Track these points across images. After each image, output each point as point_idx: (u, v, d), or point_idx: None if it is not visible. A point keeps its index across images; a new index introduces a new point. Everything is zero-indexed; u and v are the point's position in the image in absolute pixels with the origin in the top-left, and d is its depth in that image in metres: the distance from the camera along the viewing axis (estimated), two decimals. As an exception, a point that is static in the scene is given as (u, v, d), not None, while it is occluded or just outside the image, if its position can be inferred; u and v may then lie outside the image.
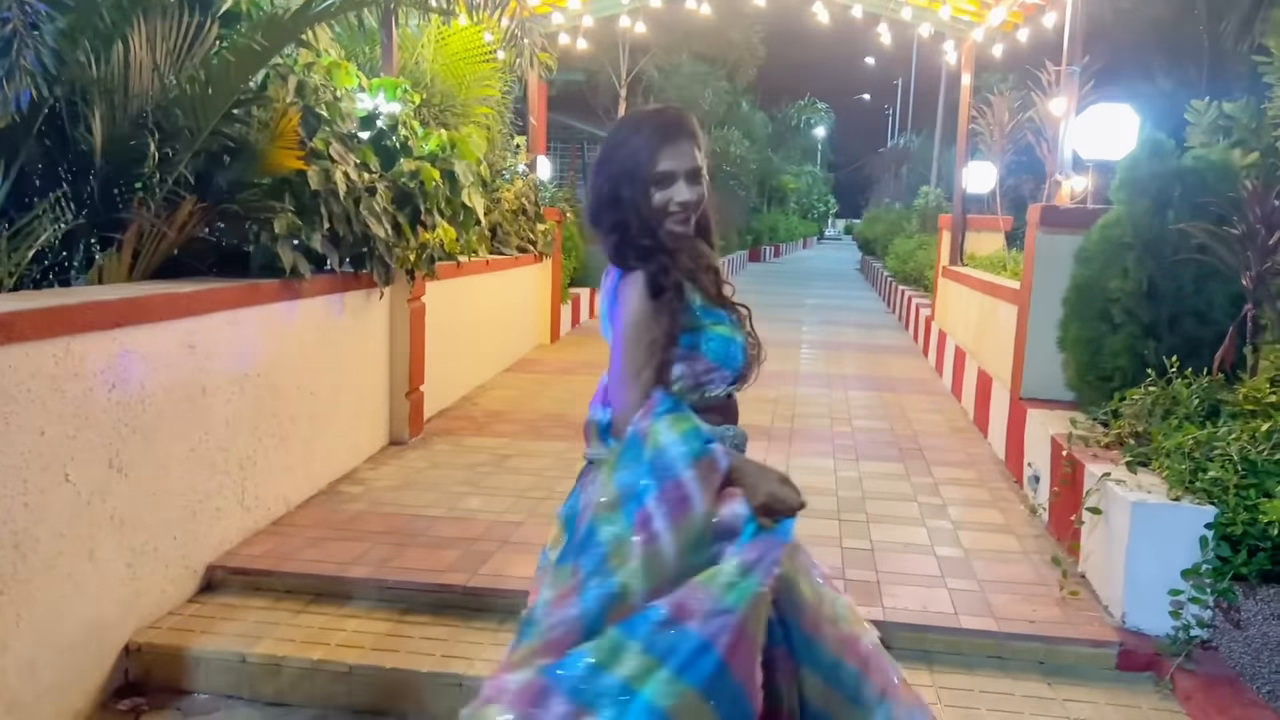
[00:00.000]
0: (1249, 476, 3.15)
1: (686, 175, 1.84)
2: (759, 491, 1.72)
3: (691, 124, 1.90)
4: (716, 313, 1.92)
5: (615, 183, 1.85)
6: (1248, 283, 3.70)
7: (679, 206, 1.84)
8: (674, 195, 1.83)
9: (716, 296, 1.93)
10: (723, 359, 1.90)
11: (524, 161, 9.22)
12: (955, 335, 7.83)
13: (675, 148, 1.83)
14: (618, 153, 1.86)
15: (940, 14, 7.74)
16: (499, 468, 5.04)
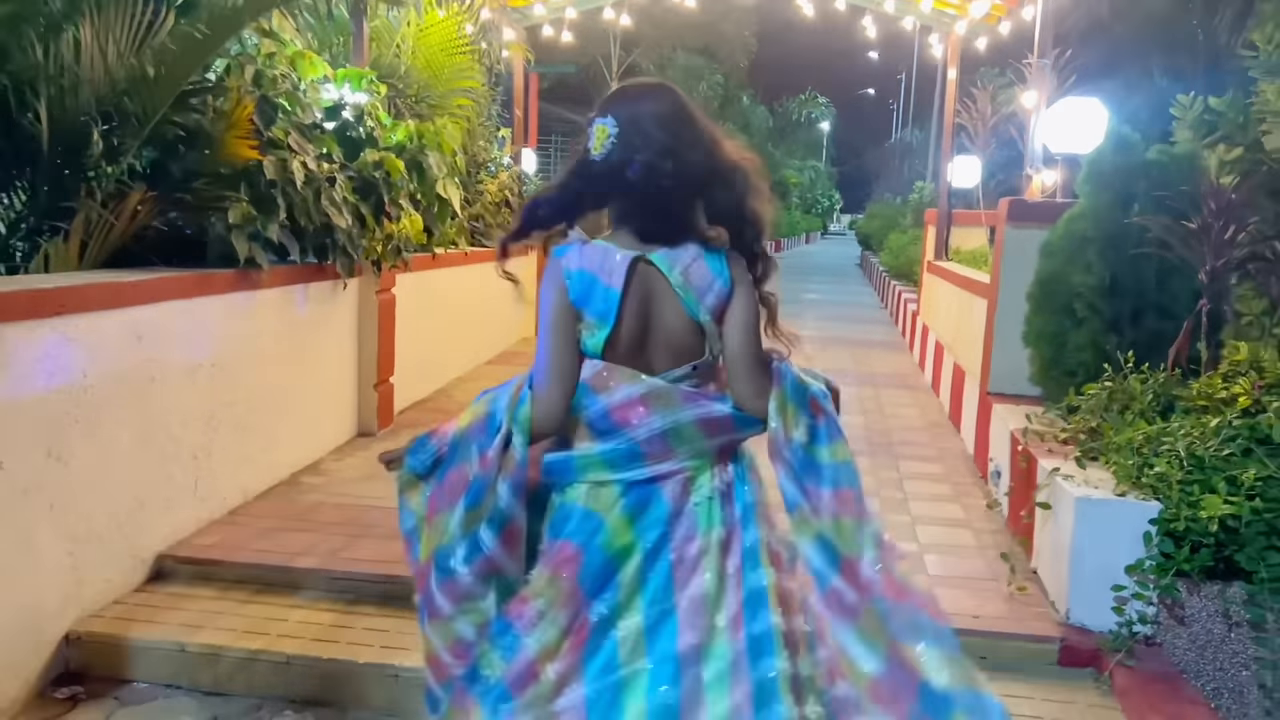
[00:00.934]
0: (1195, 472, 3.13)
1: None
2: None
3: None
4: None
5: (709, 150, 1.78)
6: (1204, 277, 3.67)
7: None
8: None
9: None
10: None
11: (509, 154, 9.21)
12: (936, 330, 7.80)
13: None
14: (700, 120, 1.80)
15: (922, 7, 7.70)
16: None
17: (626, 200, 1.78)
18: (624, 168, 1.71)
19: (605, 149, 1.72)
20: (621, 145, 1.71)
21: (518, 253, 2.08)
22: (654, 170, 1.70)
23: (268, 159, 3.91)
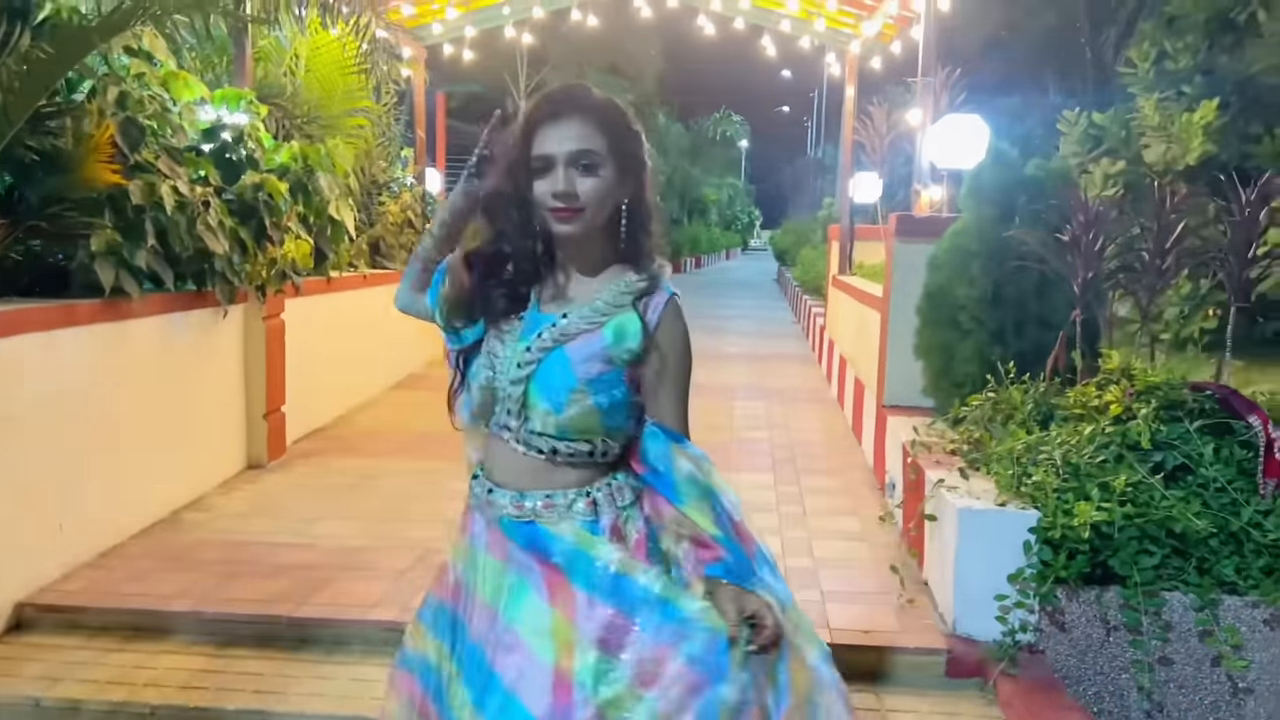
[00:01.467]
0: (1070, 480, 3.19)
1: (569, 160, 1.52)
2: None
3: (585, 100, 1.56)
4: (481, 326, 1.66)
5: (500, 174, 1.63)
6: (1077, 288, 3.76)
7: (555, 199, 1.54)
8: (550, 185, 1.54)
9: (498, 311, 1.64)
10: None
11: (412, 174, 9.07)
12: (841, 344, 7.90)
13: (557, 128, 1.53)
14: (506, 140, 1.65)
15: (816, 26, 7.83)
16: (358, 490, 4.89)
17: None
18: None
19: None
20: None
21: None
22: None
23: (134, 183, 3.74)
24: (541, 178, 1.53)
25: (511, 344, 1.60)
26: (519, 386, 1.57)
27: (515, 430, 1.59)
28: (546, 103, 1.56)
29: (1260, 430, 3.17)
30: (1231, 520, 3.07)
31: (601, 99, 1.58)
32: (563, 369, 1.55)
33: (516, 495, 1.61)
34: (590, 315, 1.58)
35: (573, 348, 1.57)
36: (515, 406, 1.58)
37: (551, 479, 1.60)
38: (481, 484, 1.67)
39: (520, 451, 1.60)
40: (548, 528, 1.60)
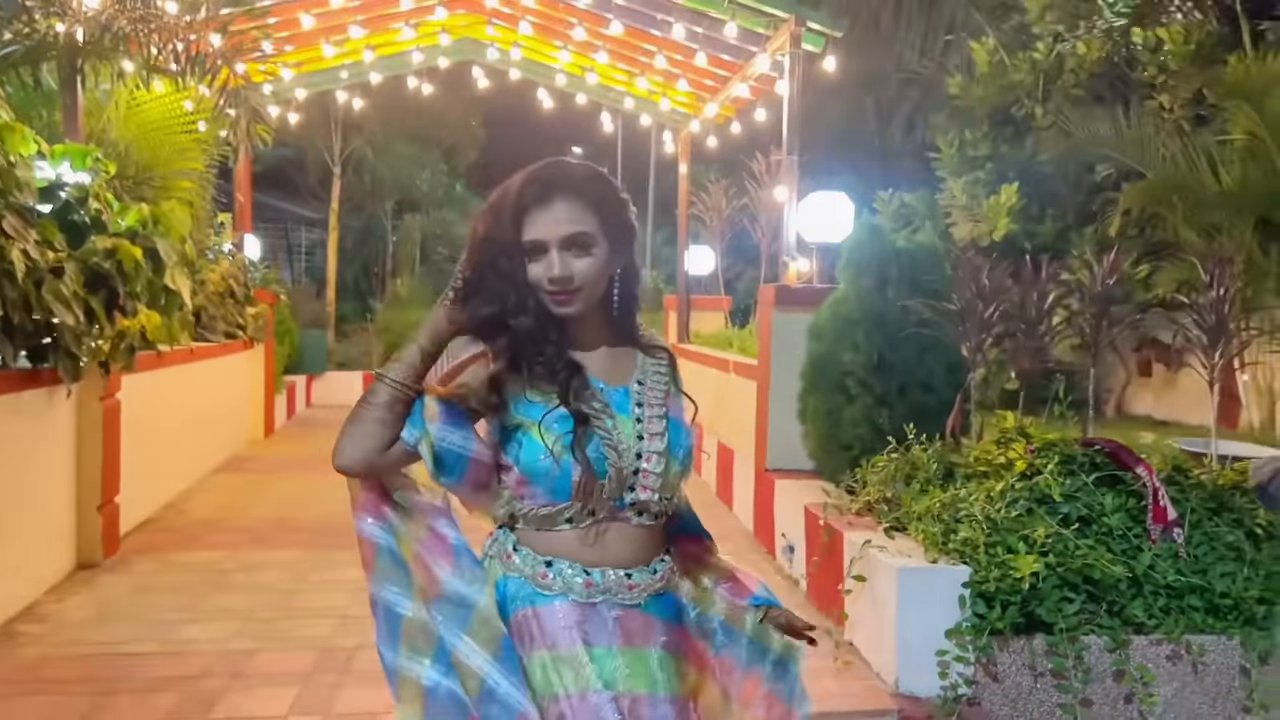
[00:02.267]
0: (993, 534, 3.36)
1: (561, 244, 1.49)
2: None
3: (572, 180, 1.52)
4: (536, 408, 1.51)
5: (487, 254, 1.52)
6: (968, 353, 4.03)
7: (551, 284, 1.49)
8: (545, 270, 1.49)
9: (559, 392, 1.52)
10: (532, 472, 1.51)
11: (230, 240, 8.49)
12: (689, 411, 8.02)
13: (547, 211, 1.49)
14: (486, 219, 1.54)
15: (660, 106, 8.10)
16: (219, 586, 4.39)
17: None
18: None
19: None
20: None
21: (234, 348, 1.79)
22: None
23: (-22, 246, 3.26)
24: (535, 261, 1.50)
25: (614, 419, 1.53)
26: (657, 458, 1.53)
27: (643, 505, 1.54)
28: (533, 185, 1.50)
29: (1147, 480, 3.48)
30: (1135, 564, 3.33)
31: (587, 174, 1.54)
32: (680, 431, 1.58)
33: (647, 570, 1.58)
34: (656, 379, 1.60)
35: (675, 411, 1.60)
36: (647, 480, 1.53)
37: (660, 544, 1.62)
38: (599, 573, 1.53)
39: (644, 525, 1.56)
40: (675, 593, 1.65)
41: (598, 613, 1.52)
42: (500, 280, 1.52)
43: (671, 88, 7.74)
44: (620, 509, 1.52)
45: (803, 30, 5.42)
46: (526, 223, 1.48)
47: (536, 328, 1.52)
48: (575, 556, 1.53)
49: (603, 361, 1.58)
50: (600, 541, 1.54)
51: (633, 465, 1.51)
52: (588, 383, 1.54)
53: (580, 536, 1.53)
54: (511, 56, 8.00)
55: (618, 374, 1.58)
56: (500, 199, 1.53)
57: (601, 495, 1.51)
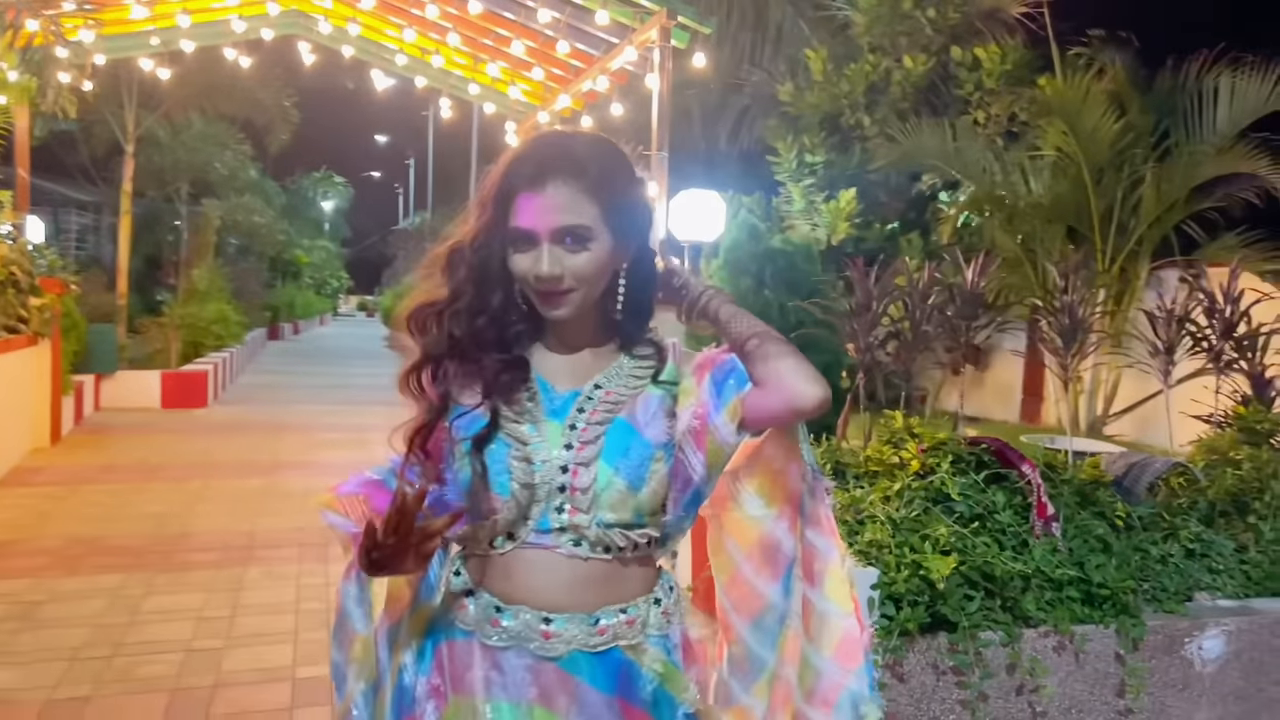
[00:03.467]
0: (897, 535, 3.37)
1: (553, 237, 1.24)
2: None
3: (571, 158, 1.26)
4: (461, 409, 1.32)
5: (476, 241, 1.30)
6: (857, 354, 4.05)
7: (539, 282, 1.26)
8: (533, 265, 1.25)
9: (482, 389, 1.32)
10: (453, 485, 1.33)
11: (8, 221, 7.46)
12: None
13: (539, 196, 1.24)
14: (477, 200, 1.31)
15: (510, 94, 7.81)
16: (29, 621, 3.79)
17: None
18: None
19: None
20: None
21: (15, 344, 1.52)
22: None
23: None
24: (522, 251, 1.26)
25: (539, 425, 1.29)
26: (586, 469, 1.26)
27: (575, 529, 1.27)
28: (524, 163, 1.26)
29: (1031, 477, 3.60)
30: (1027, 560, 3.43)
31: (590, 149, 1.29)
32: (633, 438, 1.29)
33: (586, 618, 1.28)
34: (626, 381, 1.34)
35: (630, 413, 1.31)
36: (575, 498, 1.27)
37: (622, 586, 1.31)
38: (512, 612, 1.28)
39: (580, 557, 1.28)
40: (632, 657, 1.30)
41: (507, 660, 1.28)
42: (476, 271, 1.29)
43: (522, 76, 7.48)
44: (544, 533, 1.27)
45: (673, 25, 5.33)
46: (515, 207, 1.25)
47: (497, 326, 1.30)
48: (494, 589, 1.31)
49: (568, 364, 1.35)
50: (519, 574, 1.29)
51: (557, 480, 1.26)
52: (524, 382, 1.32)
53: (501, 564, 1.30)
54: (349, 32, 7.48)
55: (578, 377, 1.34)
56: (487, 180, 1.30)
57: (511, 516, 1.27)
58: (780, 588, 1.42)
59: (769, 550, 1.41)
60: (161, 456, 7.67)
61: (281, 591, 4.27)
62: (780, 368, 1.28)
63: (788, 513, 1.43)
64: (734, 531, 1.42)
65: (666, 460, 1.30)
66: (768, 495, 1.41)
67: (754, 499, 1.41)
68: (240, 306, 15.75)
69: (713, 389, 1.30)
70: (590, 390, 1.31)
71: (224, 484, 6.67)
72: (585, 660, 1.27)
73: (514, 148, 1.32)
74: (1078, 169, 7.50)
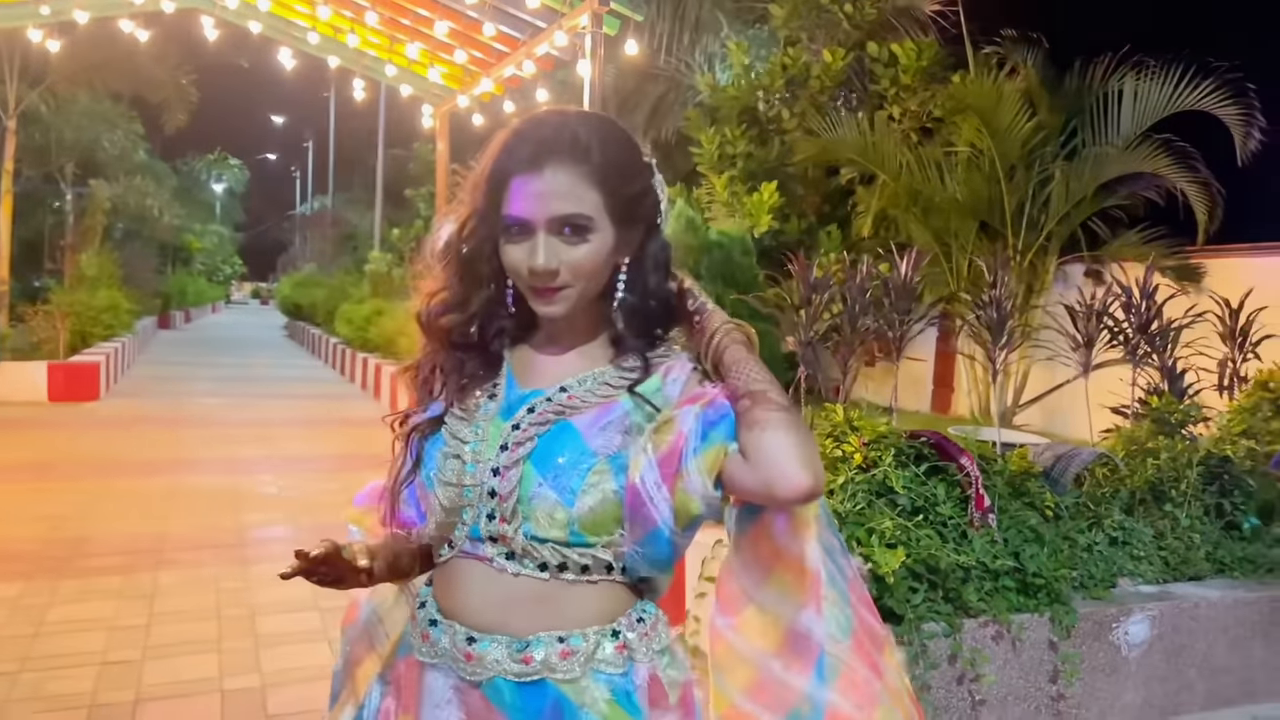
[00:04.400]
0: (843, 528, 3.38)
1: (550, 227, 1.12)
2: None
3: (572, 140, 1.13)
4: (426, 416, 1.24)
5: (465, 230, 1.19)
6: (798, 348, 4.05)
7: (533, 276, 1.14)
8: (527, 257, 1.13)
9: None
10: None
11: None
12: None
13: (535, 181, 1.12)
14: (468, 185, 1.20)
15: (429, 77, 7.57)
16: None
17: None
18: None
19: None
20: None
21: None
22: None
23: None
24: (515, 242, 1.14)
25: (485, 423, 1.19)
26: (511, 472, 1.13)
27: (503, 540, 1.14)
28: (520, 144, 1.14)
29: (970, 469, 3.66)
30: (968, 551, 3.48)
31: (594, 130, 1.16)
32: (573, 443, 1.14)
33: (514, 642, 1.14)
34: (597, 388, 1.19)
35: (582, 419, 1.16)
36: (502, 505, 1.14)
37: (562, 612, 1.15)
38: (444, 627, 1.18)
39: (510, 572, 1.14)
40: (567, 694, 1.14)
41: (434, 680, 1.18)
42: (462, 263, 1.20)
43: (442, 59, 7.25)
44: (477, 541, 1.16)
45: (605, 10, 5.23)
46: (509, 192, 1.13)
47: (478, 321, 1.21)
48: (436, 597, 1.22)
49: (548, 365, 1.23)
50: (453, 585, 1.20)
51: (488, 484, 1.14)
52: (487, 381, 1.22)
53: (443, 573, 1.21)
54: (257, 8, 7.12)
55: (551, 378, 1.21)
56: (479, 162, 1.19)
57: (438, 517, 1.17)
58: (815, 676, 1.17)
59: (799, 643, 1.16)
60: (52, 454, 7.23)
61: (200, 597, 4.04)
62: (767, 441, 1.08)
63: (813, 598, 1.18)
64: (753, 634, 1.18)
65: (613, 476, 1.12)
66: (789, 589, 1.18)
67: (775, 597, 1.18)
68: (131, 294, 14.99)
69: (698, 427, 1.11)
70: (554, 392, 1.19)
71: (125, 483, 6.31)
72: (509, 690, 1.13)
73: (509, 127, 1.19)
74: (991, 165, 7.70)
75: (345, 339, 14.48)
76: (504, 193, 1.13)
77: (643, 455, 1.11)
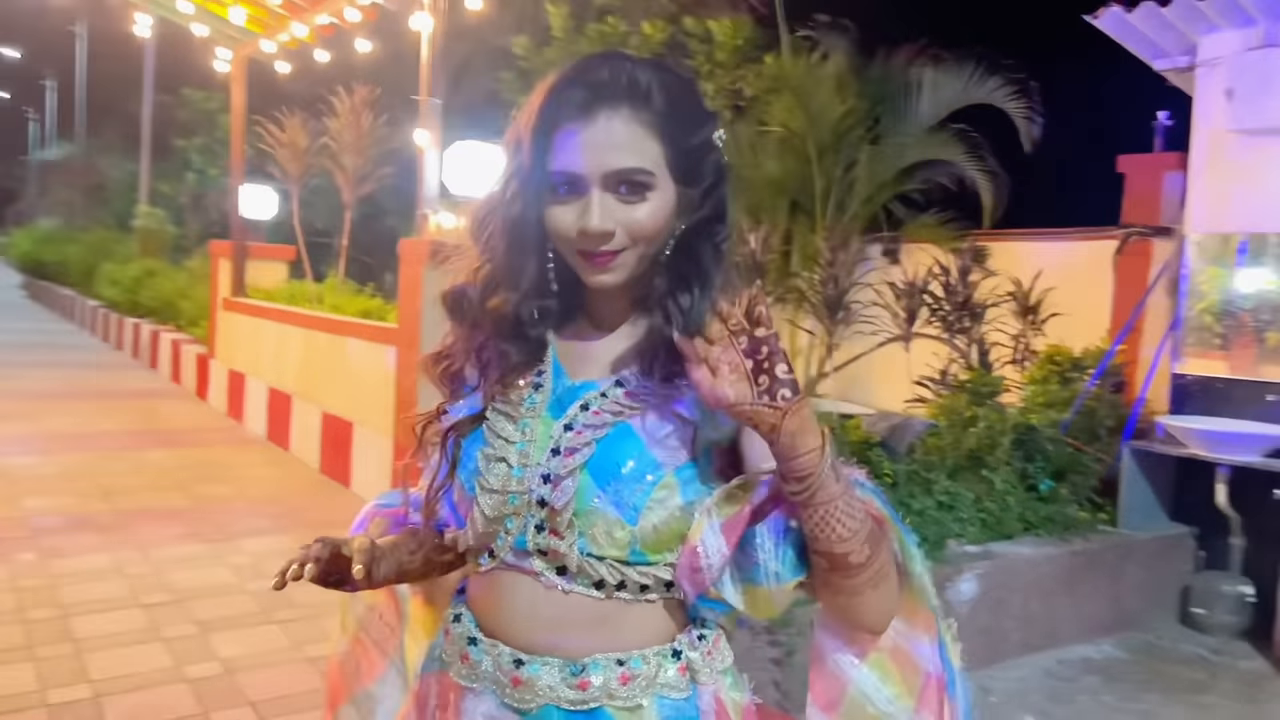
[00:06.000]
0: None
1: (606, 183, 0.98)
2: None
3: (631, 81, 0.99)
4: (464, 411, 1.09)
5: (509, 190, 1.03)
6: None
7: (585, 239, 0.99)
8: (578, 218, 0.99)
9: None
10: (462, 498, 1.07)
11: None
12: (264, 376, 7.07)
13: (589, 129, 0.98)
14: (510, 137, 1.04)
15: (229, 18, 6.88)
16: None
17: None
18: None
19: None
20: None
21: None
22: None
23: None
24: (563, 202, 1.00)
25: (533, 420, 1.05)
26: (566, 483, 1.00)
27: (554, 554, 1.01)
28: (569, 87, 0.99)
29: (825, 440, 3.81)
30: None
31: (655, 74, 1.01)
32: (636, 451, 1.00)
33: (568, 665, 1.02)
34: (657, 383, 1.04)
35: (643, 421, 1.03)
36: (554, 518, 1.01)
37: (619, 633, 1.02)
38: (486, 647, 1.06)
39: (560, 589, 1.02)
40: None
41: (470, 705, 1.05)
42: (509, 229, 1.03)
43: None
44: (522, 553, 1.03)
45: (444, -40, 4.96)
46: (557, 141, 0.98)
47: (525, 299, 1.05)
48: (475, 612, 1.09)
49: (597, 349, 1.09)
50: (497, 599, 1.06)
51: (537, 492, 1.01)
52: (531, 369, 1.08)
53: (483, 585, 1.07)
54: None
55: (604, 366, 1.07)
56: (522, 111, 1.03)
57: (479, 526, 1.03)
58: None
59: None
60: None
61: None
62: (855, 605, 0.97)
63: (931, 699, 1.03)
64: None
65: (680, 490, 1.00)
66: (894, 681, 1.02)
67: (878, 687, 1.03)
68: None
69: (772, 540, 0.97)
70: (609, 386, 1.05)
71: None
72: (558, 718, 1.02)
73: (556, 71, 1.02)
74: (803, 145, 8.00)
75: (110, 302, 13.10)
76: (552, 141, 0.98)
77: (706, 518, 0.98)
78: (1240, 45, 4.40)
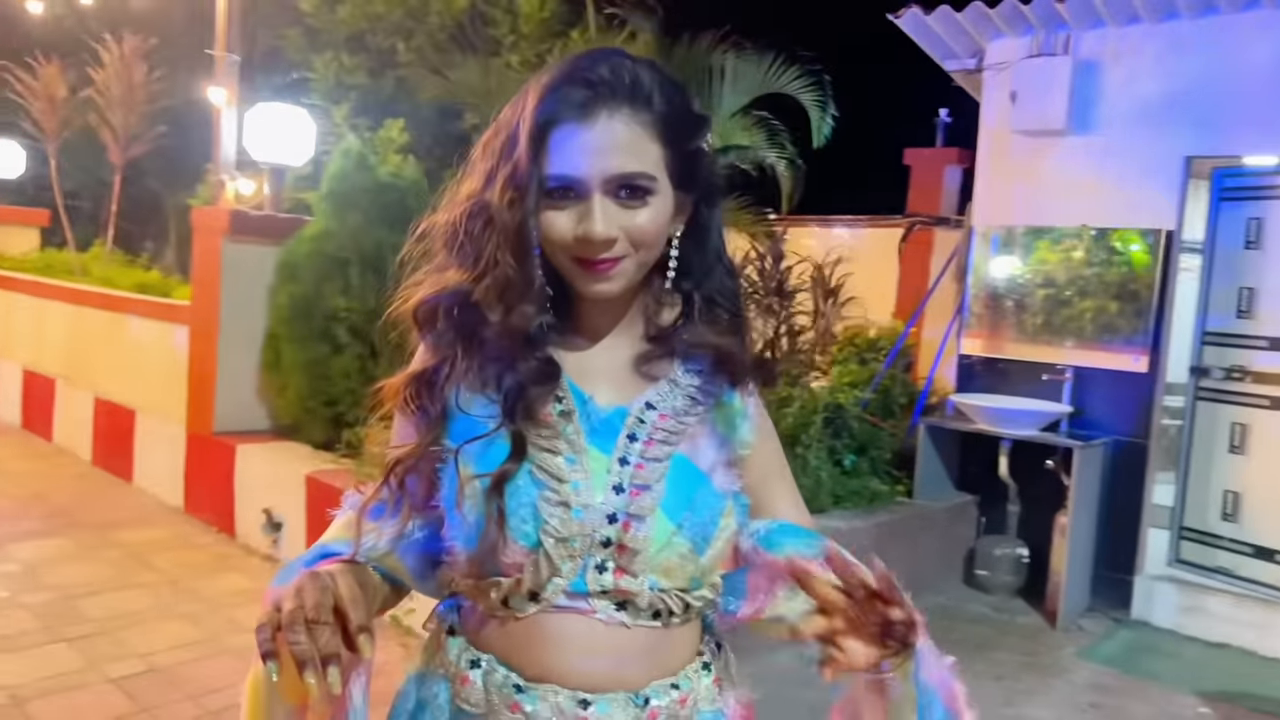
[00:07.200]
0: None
1: (607, 187, 0.92)
2: None
3: (631, 82, 0.93)
4: (468, 425, 0.97)
5: (505, 195, 0.93)
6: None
7: (585, 247, 0.93)
8: (579, 225, 0.93)
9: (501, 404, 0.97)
10: (450, 523, 0.98)
11: None
12: (16, 356, 6.26)
13: (588, 132, 0.92)
14: (494, 141, 0.95)
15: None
16: None
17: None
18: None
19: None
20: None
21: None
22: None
23: None
24: (559, 207, 0.94)
25: (579, 457, 0.98)
26: (642, 524, 0.95)
27: (621, 594, 0.96)
28: (567, 85, 0.93)
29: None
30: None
31: (653, 74, 0.96)
32: (698, 483, 0.99)
33: (632, 698, 0.98)
34: (686, 405, 1.02)
35: (695, 451, 1.01)
36: (623, 557, 0.96)
37: (671, 655, 1.00)
38: (539, 694, 0.97)
39: (620, 623, 0.97)
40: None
41: None
42: (510, 236, 0.93)
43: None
44: (580, 594, 0.96)
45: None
46: (554, 144, 0.92)
47: (531, 311, 0.95)
48: (511, 660, 0.99)
49: (602, 364, 1.03)
50: (546, 644, 0.97)
51: (602, 533, 0.95)
52: (553, 393, 0.98)
53: (521, 631, 0.98)
54: None
55: (621, 386, 1.02)
56: (513, 110, 0.95)
57: (538, 574, 0.95)
58: None
59: None
60: None
61: None
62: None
63: None
64: None
65: (738, 514, 1.01)
66: None
67: None
68: None
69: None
70: (641, 410, 1.00)
71: None
72: None
73: (550, 68, 0.97)
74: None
75: None
76: (547, 145, 0.92)
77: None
78: (1023, 52, 4.78)
